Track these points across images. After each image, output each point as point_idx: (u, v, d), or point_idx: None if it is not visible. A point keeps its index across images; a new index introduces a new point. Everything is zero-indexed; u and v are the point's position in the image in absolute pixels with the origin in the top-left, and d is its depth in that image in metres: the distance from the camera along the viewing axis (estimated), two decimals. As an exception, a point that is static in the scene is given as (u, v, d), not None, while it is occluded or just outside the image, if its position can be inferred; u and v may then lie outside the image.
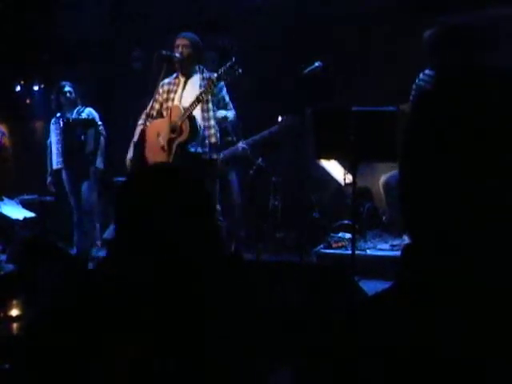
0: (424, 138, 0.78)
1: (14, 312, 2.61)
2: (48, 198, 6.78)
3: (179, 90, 4.63)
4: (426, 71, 4.37)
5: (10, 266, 4.84)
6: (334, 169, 5.34)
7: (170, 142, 4.50)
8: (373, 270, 4.22)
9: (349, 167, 4.62)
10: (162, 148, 4.51)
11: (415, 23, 4.38)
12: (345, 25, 5.82)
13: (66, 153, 5.70)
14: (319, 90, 4.67)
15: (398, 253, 4.38)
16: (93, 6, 6.59)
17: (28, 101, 8.07)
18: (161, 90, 4.66)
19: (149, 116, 4.69)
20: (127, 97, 6.17)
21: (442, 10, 4.46)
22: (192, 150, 4.52)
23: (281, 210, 5.85)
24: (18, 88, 7.89)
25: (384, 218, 5.35)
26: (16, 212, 6.27)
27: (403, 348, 0.73)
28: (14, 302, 2.64)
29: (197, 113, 4.50)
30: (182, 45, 4.53)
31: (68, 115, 5.75)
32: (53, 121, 5.88)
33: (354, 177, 4.12)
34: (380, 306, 0.79)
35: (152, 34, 6.43)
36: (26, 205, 6.57)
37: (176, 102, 4.59)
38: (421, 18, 4.11)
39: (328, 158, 4.91)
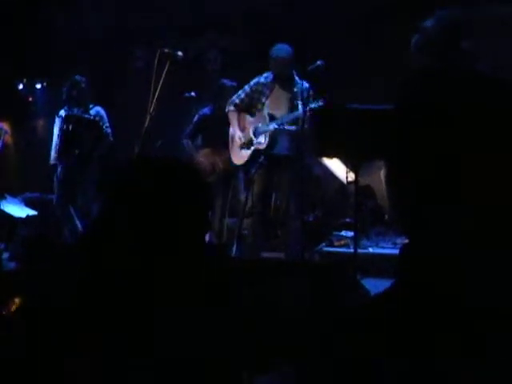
0: (413, 136, 0.78)
1: (16, 310, 2.61)
2: (50, 196, 6.79)
3: (270, 95, 4.73)
4: None
5: (13, 264, 4.85)
6: (336, 167, 5.33)
7: (249, 144, 4.77)
8: (375, 268, 4.21)
9: (351, 165, 4.61)
10: (241, 145, 4.81)
11: (415, 22, 4.36)
12: (346, 24, 5.82)
13: (61, 149, 5.56)
14: (321, 88, 4.66)
15: (400, 251, 4.36)
16: (94, 5, 6.59)
17: (30, 99, 8.09)
18: (254, 87, 4.75)
19: (237, 106, 4.81)
20: (128, 96, 6.17)
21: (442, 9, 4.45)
22: None
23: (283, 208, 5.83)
24: (21, 86, 7.92)
25: (386, 215, 5.35)
26: (19, 210, 6.28)
27: (405, 349, 0.73)
28: (16, 300, 2.64)
29: None
30: (286, 65, 4.64)
31: (75, 111, 5.59)
32: (58, 113, 5.71)
33: (357, 175, 4.11)
34: (381, 307, 0.79)
35: (153, 33, 6.43)
36: (28, 203, 6.56)
37: (265, 107, 4.72)
38: (421, 18, 4.09)
39: (329, 156, 4.91)
